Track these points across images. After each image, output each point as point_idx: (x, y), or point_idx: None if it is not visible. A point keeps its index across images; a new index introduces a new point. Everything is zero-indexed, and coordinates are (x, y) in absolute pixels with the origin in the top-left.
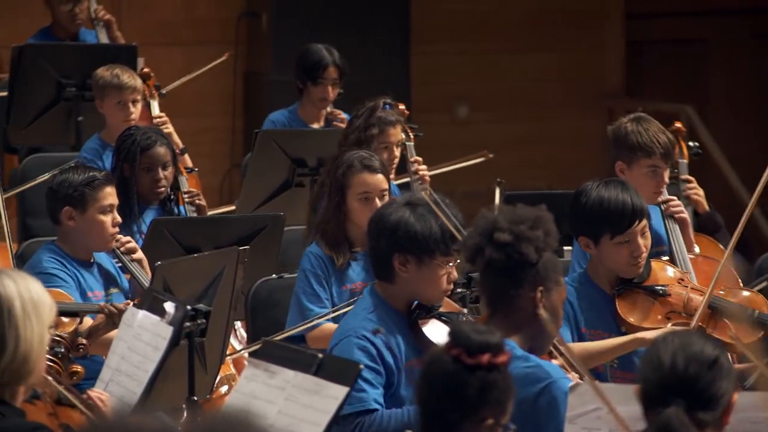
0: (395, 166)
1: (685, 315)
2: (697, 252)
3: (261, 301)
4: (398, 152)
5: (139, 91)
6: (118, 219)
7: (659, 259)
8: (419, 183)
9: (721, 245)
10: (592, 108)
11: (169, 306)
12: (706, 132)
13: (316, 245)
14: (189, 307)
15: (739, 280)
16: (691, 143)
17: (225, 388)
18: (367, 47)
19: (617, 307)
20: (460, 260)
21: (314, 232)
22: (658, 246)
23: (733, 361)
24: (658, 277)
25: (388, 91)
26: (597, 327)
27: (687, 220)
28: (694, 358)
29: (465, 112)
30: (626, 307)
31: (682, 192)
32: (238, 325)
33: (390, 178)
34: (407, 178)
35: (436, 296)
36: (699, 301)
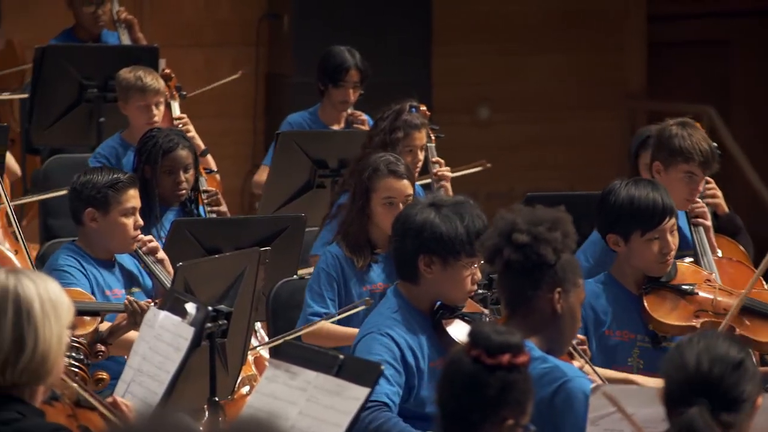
0: (419, 170)
1: (713, 314)
2: (719, 254)
3: (282, 302)
4: (422, 155)
5: (163, 94)
6: (140, 222)
7: (685, 261)
8: (439, 184)
9: (741, 246)
10: (613, 109)
11: (191, 307)
12: (727, 133)
13: (337, 246)
14: (210, 308)
15: (764, 282)
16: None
17: (246, 388)
18: (389, 48)
19: (645, 305)
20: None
21: (336, 232)
22: (684, 249)
23: (757, 364)
24: (685, 277)
25: (412, 93)
26: (624, 327)
27: (708, 225)
28: (719, 360)
29: (487, 113)
30: (654, 305)
31: (701, 194)
32: (259, 326)
33: (414, 183)
34: (428, 179)
35: (461, 297)
36: (726, 301)
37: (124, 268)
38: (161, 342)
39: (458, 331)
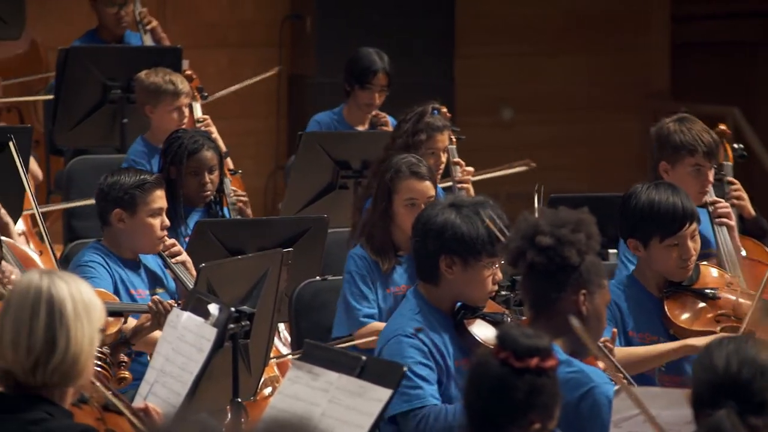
0: (441, 172)
1: (735, 319)
2: (743, 254)
3: (305, 303)
4: (444, 158)
5: (190, 95)
6: (167, 222)
7: (708, 263)
8: (460, 185)
9: (767, 249)
10: (637, 110)
11: (213, 308)
12: (752, 135)
13: (361, 248)
14: (233, 309)
15: None
16: (736, 145)
17: (269, 389)
18: (411, 50)
19: (666, 309)
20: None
21: (359, 235)
22: (706, 249)
23: None
24: (707, 281)
25: (435, 95)
26: (644, 330)
27: (732, 225)
28: (748, 363)
29: (510, 114)
30: (675, 309)
31: (726, 195)
32: (282, 327)
33: (437, 184)
34: (449, 182)
35: (482, 297)
36: (749, 305)
37: (148, 269)
38: (184, 343)
39: (481, 331)
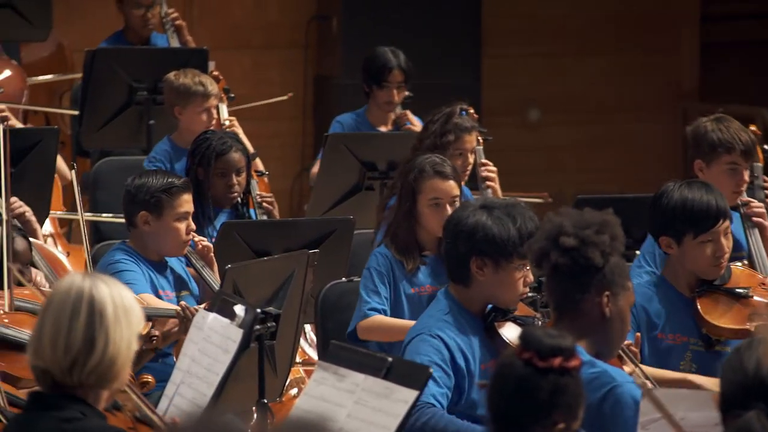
0: (469, 173)
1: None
2: None
3: (331, 304)
4: (472, 159)
5: (219, 96)
6: (193, 226)
7: (740, 264)
8: (486, 184)
9: None
10: (666, 111)
11: (240, 309)
12: None
13: (386, 248)
14: (259, 310)
15: None
16: (766, 146)
17: (295, 390)
18: (438, 50)
19: (698, 308)
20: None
21: (384, 234)
22: (738, 252)
23: None
24: (739, 281)
25: (461, 96)
26: (676, 331)
27: (765, 225)
28: None
29: (537, 115)
30: (708, 307)
31: (756, 196)
32: (308, 328)
33: (461, 184)
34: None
35: (513, 299)
36: None
37: (174, 271)
38: (210, 344)
39: (511, 333)
